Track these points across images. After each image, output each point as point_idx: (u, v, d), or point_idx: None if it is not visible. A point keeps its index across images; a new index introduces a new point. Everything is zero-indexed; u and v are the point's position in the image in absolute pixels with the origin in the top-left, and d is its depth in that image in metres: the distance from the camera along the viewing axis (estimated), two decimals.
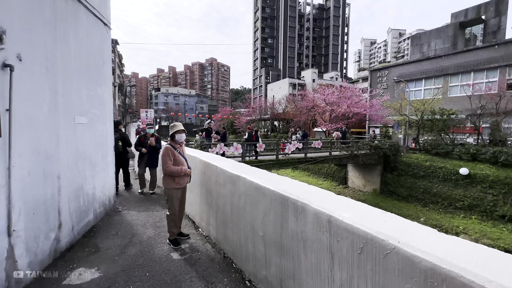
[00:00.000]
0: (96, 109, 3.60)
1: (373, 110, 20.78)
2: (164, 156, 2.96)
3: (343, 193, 18.70)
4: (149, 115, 10.59)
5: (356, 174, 19.34)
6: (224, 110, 46.92)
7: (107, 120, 3.95)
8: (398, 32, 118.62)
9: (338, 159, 15.10)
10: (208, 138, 11.28)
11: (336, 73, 66.76)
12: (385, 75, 28.19)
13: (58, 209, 2.73)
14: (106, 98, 3.91)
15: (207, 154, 3.70)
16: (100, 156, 3.74)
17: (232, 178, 2.59)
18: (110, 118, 4.10)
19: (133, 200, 4.97)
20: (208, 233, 3.29)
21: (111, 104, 4.09)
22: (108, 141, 4.01)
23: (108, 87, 3.99)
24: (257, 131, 12.32)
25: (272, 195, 1.99)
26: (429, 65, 24.41)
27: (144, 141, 5.34)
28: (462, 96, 20.59)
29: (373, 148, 16.31)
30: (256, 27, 78.12)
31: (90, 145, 3.46)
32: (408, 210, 14.60)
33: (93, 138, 3.54)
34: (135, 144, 5.37)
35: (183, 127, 3.21)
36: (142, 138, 5.46)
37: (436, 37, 25.99)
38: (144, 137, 5.40)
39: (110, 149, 4.08)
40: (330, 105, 21.36)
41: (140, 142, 5.42)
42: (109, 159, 4.04)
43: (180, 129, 3.10)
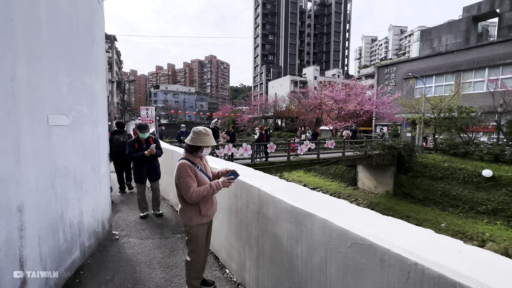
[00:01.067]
0: (83, 105, 2.61)
1: (386, 107, 19.83)
2: (184, 178, 1.95)
3: (353, 194, 17.80)
4: (150, 113, 9.59)
5: (367, 175, 18.43)
6: (225, 108, 45.85)
7: (99, 120, 2.96)
8: (399, 29, 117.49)
9: (352, 160, 14.17)
10: (215, 138, 10.29)
11: (338, 70, 65.77)
12: (393, 71, 27.23)
13: (20, 259, 1.76)
14: (97, 91, 2.92)
15: (237, 166, 2.73)
16: (89, 169, 2.75)
17: (295, 214, 1.62)
18: (104, 117, 3.11)
19: (134, 219, 4.00)
20: (241, 280, 2.33)
21: (105, 99, 3.10)
22: (101, 148, 3.02)
23: (100, 77, 2.99)
24: (268, 131, 11.34)
25: (405, 266, 1.04)
26: (440, 61, 23.46)
27: (140, 148, 4.11)
28: (477, 93, 19.70)
29: (386, 148, 15.38)
30: (257, 24, 76.81)
31: (75, 156, 2.47)
32: (426, 214, 13.71)
33: (79, 146, 2.56)
34: (129, 152, 4.07)
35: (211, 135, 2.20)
36: (137, 144, 4.15)
37: (447, 31, 24.99)
38: (139, 143, 4.16)
39: (103, 158, 3.09)
40: (339, 102, 20.38)
41: (135, 149, 4.11)
42: (103, 171, 3.06)
43: (211, 144, 2.08)
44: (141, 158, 3.99)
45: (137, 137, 4.17)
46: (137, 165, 4.17)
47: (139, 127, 4.15)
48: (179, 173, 1.96)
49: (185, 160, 2.01)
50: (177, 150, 4.59)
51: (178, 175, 1.97)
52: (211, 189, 1.96)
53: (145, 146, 4.14)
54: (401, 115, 20.95)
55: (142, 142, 4.16)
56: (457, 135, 15.57)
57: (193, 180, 1.95)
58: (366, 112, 20.41)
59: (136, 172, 4.20)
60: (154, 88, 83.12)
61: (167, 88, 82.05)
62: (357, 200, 16.74)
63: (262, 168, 10.72)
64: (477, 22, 24.65)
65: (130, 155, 4.05)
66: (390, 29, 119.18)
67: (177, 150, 4.59)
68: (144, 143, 4.16)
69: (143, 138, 4.17)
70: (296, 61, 77.82)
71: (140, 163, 4.10)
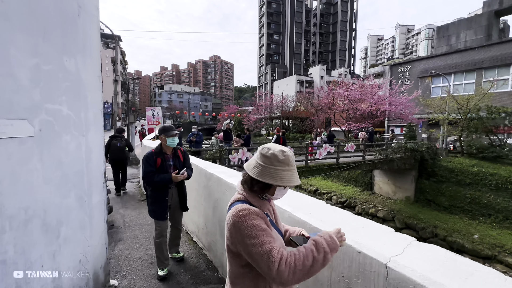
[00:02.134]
0: (61, 103, 1.65)
1: (404, 107, 18.67)
2: (258, 237, 0.93)
3: (370, 200, 16.69)
4: (156, 114, 8.68)
5: (384, 179, 17.31)
6: (231, 108, 44.95)
7: (89, 125, 1.99)
8: (406, 28, 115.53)
9: (372, 164, 13.09)
10: (227, 141, 9.34)
11: (345, 69, 64.58)
12: (407, 70, 26.09)
13: None
14: (86, 82, 1.95)
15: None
16: (73, 202, 1.79)
17: None
18: (98, 121, 2.14)
19: (140, 256, 3.03)
20: None
21: (99, 94, 2.14)
22: (92, 165, 2.05)
23: (91, 61, 2.03)
24: (285, 133, 10.35)
25: None
26: (459, 59, 22.25)
27: (164, 166, 2.69)
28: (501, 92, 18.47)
29: (408, 151, 14.26)
30: (262, 23, 75.91)
31: (46, 186, 1.51)
32: (455, 223, 12.55)
33: (54, 168, 1.60)
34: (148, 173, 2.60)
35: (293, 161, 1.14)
36: (159, 159, 2.67)
37: (466, 27, 23.73)
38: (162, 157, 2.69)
39: (96, 180, 2.12)
40: (353, 102, 19.29)
41: (157, 168, 2.66)
42: (96, 199, 2.09)
43: (295, 183, 1.02)
44: (167, 183, 2.60)
45: (159, 148, 2.71)
46: (158, 190, 2.64)
47: (164, 130, 2.69)
48: (242, 229, 0.95)
49: (246, 205, 1.02)
50: (213, 170, 2.95)
51: (239, 231, 0.96)
52: (323, 254, 0.93)
53: (172, 161, 2.71)
54: (421, 115, 19.77)
55: (168, 156, 2.71)
56: (487, 137, 14.38)
57: (273, 239, 0.97)
58: (383, 112, 19.28)
59: (156, 202, 2.65)
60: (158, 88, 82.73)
61: (171, 89, 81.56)
62: (375, 207, 15.64)
63: None
64: (499, 17, 23.34)
65: (149, 178, 2.55)
66: (396, 28, 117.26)
67: (213, 170, 2.95)
68: (171, 157, 2.73)
69: (170, 147, 2.72)
70: (301, 61, 76.74)
71: (162, 189, 2.65)
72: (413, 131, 22.61)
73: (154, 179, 2.56)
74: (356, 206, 16.45)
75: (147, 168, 2.60)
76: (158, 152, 2.70)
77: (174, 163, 2.74)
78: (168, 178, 2.57)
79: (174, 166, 2.73)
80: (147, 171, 2.59)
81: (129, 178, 7.83)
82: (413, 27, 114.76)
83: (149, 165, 2.61)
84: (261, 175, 1.00)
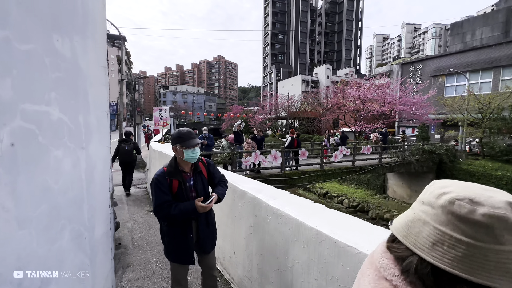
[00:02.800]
0: (49, 103, 1.10)
1: (419, 107, 17.93)
2: None
3: (384, 204, 15.99)
4: (163, 115, 8.17)
5: (399, 182, 16.60)
6: (236, 108, 44.46)
7: (92, 133, 1.45)
8: (413, 27, 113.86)
9: (389, 167, 12.42)
10: (238, 143, 8.80)
11: (351, 69, 63.78)
12: (419, 68, 25.28)
13: None
14: (86, 73, 1.41)
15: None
16: (68, 243, 1.24)
17: None
18: (103, 127, 1.61)
19: None
20: None
21: (105, 90, 1.60)
22: (95, 188, 1.51)
23: (95, 46, 1.50)
24: (299, 135, 9.77)
25: None
26: (475, 57, 21.43)
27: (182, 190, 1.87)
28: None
29: (426, 153, 13.55)
30: (266, 23, 75.38)
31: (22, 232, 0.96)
32: None
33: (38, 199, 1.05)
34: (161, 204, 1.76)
35: None
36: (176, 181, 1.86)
37: (482, 24, 22.83)
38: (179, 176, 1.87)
39: (102, 207, 1.58)
40: (365, 102, 18.61)
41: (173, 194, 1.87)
42: (100, 232, 1.55)
43: None
44: (190, 215, 1.78)
45: (174, 164, 1.87)
46: (177, 225, 1.86)
47: (180, 138, 1.83)
48: None
49: None
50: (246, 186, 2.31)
51: None
52: None
53: (192, 179, 1.90)
54: (437, 116, 19.00)
55: (187, 175, 1.89)
56: (511, 139, 13.61)
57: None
58: (396, 113, 18.57)
59: (174, 242, 1.86)
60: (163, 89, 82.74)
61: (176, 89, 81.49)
62: (390, 212, 14.94)
63: (293, 179, 9.18)
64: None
65: (164, 212, 1.74)
66: (403, 26, 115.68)
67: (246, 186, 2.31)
68: (191, 174, 1.91)
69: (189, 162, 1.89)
70: (306, 61, 76.04)
71: (183, 223, 1.85)
72: (426, 132, 21.83)
73: (171, 212, 1.71)
74: (370, 210, 15.76)
75: (159, 197, 1.74)
76: (172, 171, 1.83)
77: (196, 183, 1.90)
78: (191, 208, 1.72)
79: (195, 188, 1.90)
80: (160, 202, 1.73)
81: (135, 183, 7.36)
82: (420, 26, 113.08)
83: (161, 192, 1.75)
84: (471, 265, 0.43)
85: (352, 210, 16.61)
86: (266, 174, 8.80)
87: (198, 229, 1.90)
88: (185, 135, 1.84)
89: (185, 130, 1.89)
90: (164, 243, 1.93)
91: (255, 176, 8.55)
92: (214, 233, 2.01)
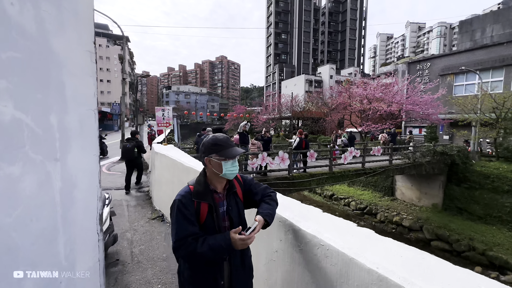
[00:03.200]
0: (1, 97, 0.71)
1: (429, 107, 17.41)
2: None
3: (393, 207, 15.51)
4: (166, 115, 7.81)
5: (408, 184, 16.11)
6: (239, 108, 44.09)
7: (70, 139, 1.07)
8: (417, 26, 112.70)
9: (400, 169, 11.95)
10: (243, 145, 8.42)
11: (355, 68, 63.24)
12: (426, 67, 24.77)
13: None
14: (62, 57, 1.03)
15: None
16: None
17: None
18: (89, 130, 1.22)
19: None
20: None
21: (92, 83, 1.21)
22: (79, 211, 1.13)
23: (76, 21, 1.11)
24: (307, 135, 9.36)
25: None
26: (485, 55, 20.84)
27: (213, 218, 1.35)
28: None
29: (438, 155, 13.06)
30: (269, 22, 74.98)
31: None
32: (494, 236, 11.30)
33: None
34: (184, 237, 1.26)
35: None
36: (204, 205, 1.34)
37: (493, 21, 22.22)
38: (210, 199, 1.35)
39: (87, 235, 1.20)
40: (373, 101, 18.13)
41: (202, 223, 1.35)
42: (84, 268, 1.17)
43: None
44: (223, 254, 1.28)
45: (203, 182, 1.40)
46: (202, 269, 1.34)
47: (217, 146, 1.36)
48: None
49: None
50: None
51: None
52: None
53: (225, 203, 1.40)
54: (446, 115, 18.47)
55: (219, 197, 1.40)
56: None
57: None
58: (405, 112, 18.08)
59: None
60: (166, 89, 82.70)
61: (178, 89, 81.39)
62: (400, 215, 14.48)
63: (301, 182, 8.78)
64: None
65: (188, 250, 1.23)
66: (407, 25, 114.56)
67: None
68: (224, 196, 1.42)
69: (225, 180, 1.42)
70: (310, 60, 75.48)
71: (212, 264, 1.33)
72: (434, 133, 21.28)
73: (198, 249, 1.22)
74: (378, 213, 15.30)
75: (183, 228, 1.26)
76: (202, 191, 1.35)
77: (230, 208, 1.40)
78: (226, 243, 1.22)
79: (229, 214, 1.39)
80: (184, 235, 1.25)
81: (136, 187, 7.01)
82: (424, 25, 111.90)
83: (185, 220, 1.27)
84: None
85: (359, 212, 16.16)
86: (272, 176, 8.41)
87: (231, 273, 1.36)
88: (223, 142, 1.37)
89: (222, 136, 1.41)
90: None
91: (262, 179, 8.18)
92: (250, 278, 1.47)
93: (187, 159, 3.85)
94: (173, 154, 4.50)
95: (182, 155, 4.44)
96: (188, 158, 4.04)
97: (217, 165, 1.35)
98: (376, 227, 14.41)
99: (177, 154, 4.53)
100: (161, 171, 5.09)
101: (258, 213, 1.36)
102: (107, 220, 2.86)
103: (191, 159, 3.90)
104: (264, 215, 1.33)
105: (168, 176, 4.51)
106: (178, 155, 4.37)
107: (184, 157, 4.21)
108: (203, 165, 1.43)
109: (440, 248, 11.66)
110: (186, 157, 4.21)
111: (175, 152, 4.97)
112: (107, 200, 3.00)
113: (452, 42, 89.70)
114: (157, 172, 5.48)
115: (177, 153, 4.77)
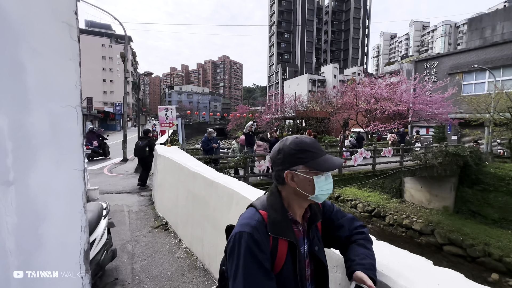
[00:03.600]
0: None
1: (438, 106, 16.92)
2: None
3: (402, 209, 15.04)
4: (170, 115, 7.48)
5: (417, 186, 15.63)
6: (242, 108, 43.72)
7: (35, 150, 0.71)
8: (421, 25, 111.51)
9: (411, 171, 11.51)
10: (250, 146, 8.06)
11: (359, 68, 62.67)
12: (434, 66, 24.19)
13: None
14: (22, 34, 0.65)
15: None
16: None
17: None
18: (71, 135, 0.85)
19: None
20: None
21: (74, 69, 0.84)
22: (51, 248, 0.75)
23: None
24: (316, 136, 8.96)
25: None
26: (496, 53, 20.26)
27: (295, 261, 0.87)
28: None
29: (450, 156, 12.59)
30: (272, 21, 74.56)
31: None
32: (511, 241, 10.82)
33: None
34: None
35: None
36: (283, 242, 0.87)
37: (503, 18, 21.62)
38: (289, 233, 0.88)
39: None
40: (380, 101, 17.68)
41: (278, 271, 0.86)
42: None
43: None
44: None
45: (280, 202, 0.92)
46: None
47: (308, 151, 0.90)
48: None
49: None
50: None
51: None
52: None
53: (307, 239, 0.96)
54: (456, 115, 17.96)
55: (298, 230, 0.94)
56: None
57: None
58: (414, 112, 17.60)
59: None
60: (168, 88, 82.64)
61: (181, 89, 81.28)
62: (409, 217, 14.01)
63: None
64: None
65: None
66: (411, 24, 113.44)
67: None
68: (305, 226, 0.97)
69: (321, 201, 0.94)
70: (313, 60, 75.02)
71: None
72: (443, 133, 20.76)
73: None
74: (386, 216, 14.84)
75: (254, 284, 0.77)
76: (281, 221, 0.88)
77: (313, 245, 0.96)
78: None
79: (311, 255, 0.96)
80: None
81: (138, 191, 6.68)
82: (429, 24, 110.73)
83: (261, 270, 0.79)
84: None
85: (367, 215, 15.71)
86: None
87: None
88: (314, 147, 0.90)
89: (309, 140, 0.93)
90: None
91: (270, 182, 7.81)
92: None
93: (194, 163, 3.49)
94: (178, 157, 4.14)
95: (188, 159, 4.08)
96: (195, 162, 3.68)
97: (306, 182, 0.88)
98: (385, 230, 13.97)
99: (182, 157, 4.17)
100: (164, 175, 4.75)
101: (355, 264, 0.89)
102: (104, 234, 2.51)
103: (199, 163, 3.54)
104: (367, 269, 0.88)
105: (172, 180, 4.16)
106: (183, 159, 4.01)
107: (191, 161, 3.85)
108: (277, 182, 0.95)
109: (453, 253, 11.20)
110: (192, 160, 3.85)
111: (180, 154, 4.61)
112: (105, 211, 2.65)
113: (457, 41, 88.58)
114: (160, 176, 5.13)
115: (182, 156, 4.41)
